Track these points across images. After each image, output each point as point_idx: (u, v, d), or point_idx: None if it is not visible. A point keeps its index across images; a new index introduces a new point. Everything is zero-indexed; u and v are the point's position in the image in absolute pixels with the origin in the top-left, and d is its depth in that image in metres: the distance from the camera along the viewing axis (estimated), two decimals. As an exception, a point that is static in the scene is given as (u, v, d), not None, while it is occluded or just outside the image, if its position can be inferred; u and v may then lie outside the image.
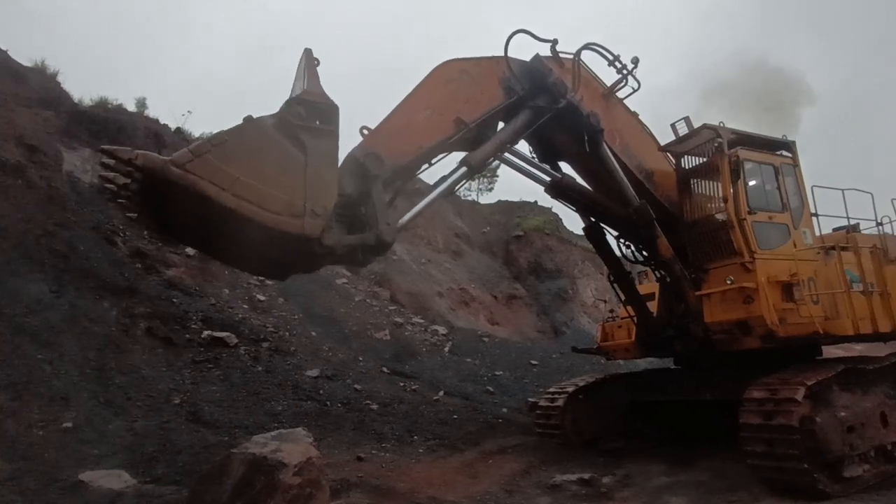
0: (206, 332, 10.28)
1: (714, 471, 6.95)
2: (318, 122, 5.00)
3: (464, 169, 6.26)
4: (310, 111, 4.99)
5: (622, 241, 8.47)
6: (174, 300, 10.89)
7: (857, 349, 9.04)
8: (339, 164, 5.31)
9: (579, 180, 7.92)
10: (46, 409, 6.98)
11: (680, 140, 7.88)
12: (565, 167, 8.02)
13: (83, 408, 7.33)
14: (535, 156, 7.69)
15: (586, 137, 6.98)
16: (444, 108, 6.19)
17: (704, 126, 7.57)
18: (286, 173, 4.69)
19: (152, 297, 10.49)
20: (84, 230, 10.75)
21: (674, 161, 8.21)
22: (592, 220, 8.48)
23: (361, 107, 6.28)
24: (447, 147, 6.29)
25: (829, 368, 6.38)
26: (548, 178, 7.56)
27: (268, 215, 4.44)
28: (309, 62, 5.25)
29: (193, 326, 10.43)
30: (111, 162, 4.44)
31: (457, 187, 6.73)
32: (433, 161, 6.35)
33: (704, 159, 7.79)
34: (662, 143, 8.13)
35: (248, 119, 4.79)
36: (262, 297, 13.11)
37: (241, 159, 4.54)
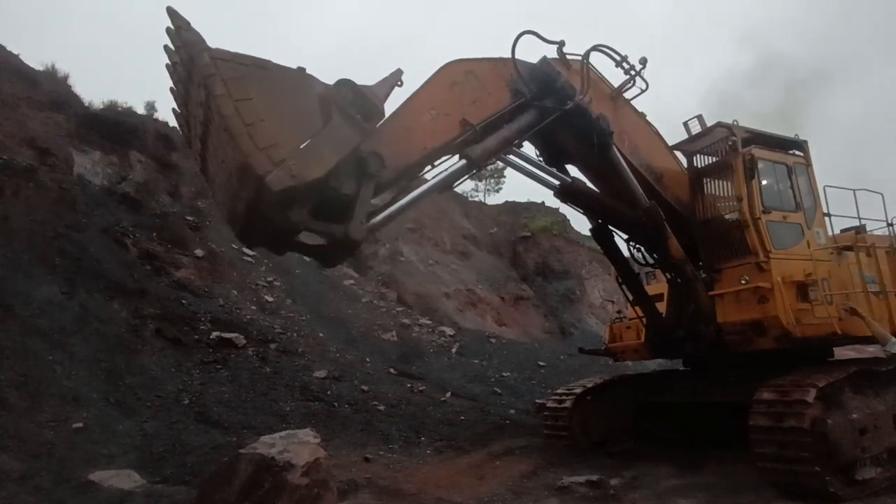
0: (214, 333, 10.35)
1: (724, 473, 6.89)
2: (358, 116, 4.97)
3: (463, 163, 6.04)
4: (357, 101, 4.99)
5: (632, 243, 8.41)
6: (183, 301, 10.97)
7: (870, 350, 8.93)
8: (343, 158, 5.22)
9: (588, 183, 7.86)
10: (58, 409, 7.05)
11: (692, 139, 7.81)
12: (573, 170, 7.97)
13: (93, 408, 7.40)
14: (542, 159, 7.62)
15: (596, 140, 6.88)
16: (450, 109, 6.10)
17: (718, 124, 7.50)
18: (294, 128, 4.64)
19: (162, 298, 10.57)
20: (95, 232, 10.87)
21: (685, 160, 8.15)
22: (600, 221, 8.43)
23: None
24: (452, 149, 6.18)
25: (840, 370, 6.30)
26: (556, 182, 7.51)
27: (247, 141, 4.32)
28: (393, 77, 5.34)
29: (202, 327, 10.50)
30: (173, 28, 4.56)
31: (456, 183, 6.54)
32: (436, 163, 6.24)
33: (717, 158, 7.72)
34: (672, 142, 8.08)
35: (301, 69, 4.86)
36: (270, 299, 13.18)
37: (267, 89, 4.56)
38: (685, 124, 7.81)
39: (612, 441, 8.86)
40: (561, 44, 6.76)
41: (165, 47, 4.97)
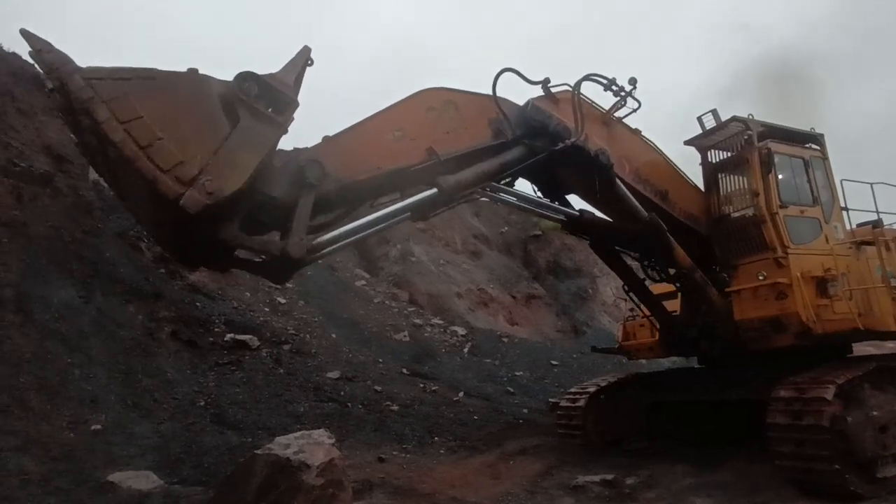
0: (228, 335, 10.45)
1: (740, 472, 6.81)
2: (269, 109, 4.47)
3: (433, 191, 5.54)
4: (263, 93, 4.44)
5: (645, 262, 8.31)
6: (198, 304, 11.09)
7: (889, 346, 8.79)
8: (281, 165, 4.85)
9: (591, 209, 7.60)
10: (76, 411, 7.16)
11: (706, 133, 7.73)
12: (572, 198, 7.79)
13: (111, 410, 7.51)
14: (539, 194, 7.39)
15: (597, 177, 6.63)
16: (419, 134, 5.63)
17: (733, 118, 7.41)
18: (199, 138, 4.11)
19: (176, 301, 10.69)
20: (110, 237, 11.01)
21: (700, 155, 8.07)
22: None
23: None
24: (410, 177, 5.58)
25: (860, 366, 6.20)
26: (560, 216, 7.34)
27: (149, 165, 3.82)
28: (300, 56, 4.78)
29: (216, 330, 10.60)
30: (33, 52, 3.95)
31: (430, 213, 6.04)
32: (406, 191, 5.67)
33: (732, 153, 7.63)
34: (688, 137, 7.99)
35: (192, 71, 4.28)
36: (282, 300, 13.27)
37: (158, 102, 4.02)
38: (699, 119, 7.72)
39: (627, 440, 8.82)
40: (545, 82, 6.44)
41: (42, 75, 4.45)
